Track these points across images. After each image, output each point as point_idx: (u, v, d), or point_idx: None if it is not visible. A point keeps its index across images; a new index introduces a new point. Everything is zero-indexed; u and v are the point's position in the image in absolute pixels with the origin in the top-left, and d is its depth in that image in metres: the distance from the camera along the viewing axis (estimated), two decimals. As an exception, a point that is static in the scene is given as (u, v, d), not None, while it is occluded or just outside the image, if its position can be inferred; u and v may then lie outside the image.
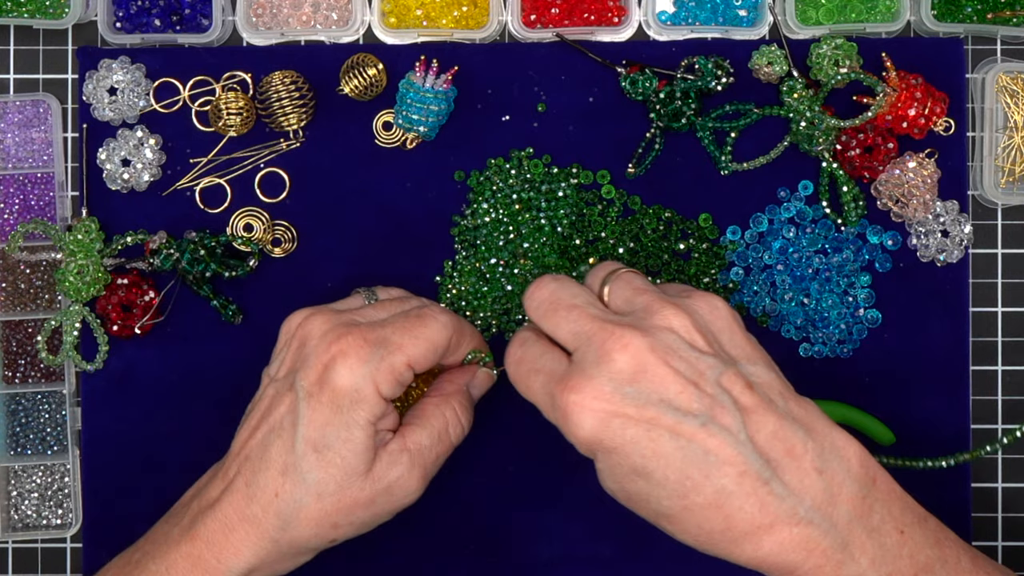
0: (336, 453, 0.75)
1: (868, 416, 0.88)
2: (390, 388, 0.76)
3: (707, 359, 0.70)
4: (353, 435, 0.75)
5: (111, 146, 0.90)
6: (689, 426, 0.68)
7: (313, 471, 0.75)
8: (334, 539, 0.77)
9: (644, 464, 0.69)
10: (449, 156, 0.90)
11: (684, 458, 0.68)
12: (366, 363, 0.75)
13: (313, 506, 0.75)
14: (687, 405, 0.68)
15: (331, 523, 0.76)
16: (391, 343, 0.76)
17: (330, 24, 0.91)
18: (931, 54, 0.90)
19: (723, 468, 0.68)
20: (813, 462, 0.70)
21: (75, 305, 0.88)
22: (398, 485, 0.77)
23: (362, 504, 0.76)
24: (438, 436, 0.79)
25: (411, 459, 0.77)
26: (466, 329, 0.82)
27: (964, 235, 0.89)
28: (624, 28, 0.91)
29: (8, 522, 0.91)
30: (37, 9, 0.90)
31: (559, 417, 0.70)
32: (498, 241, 0.89)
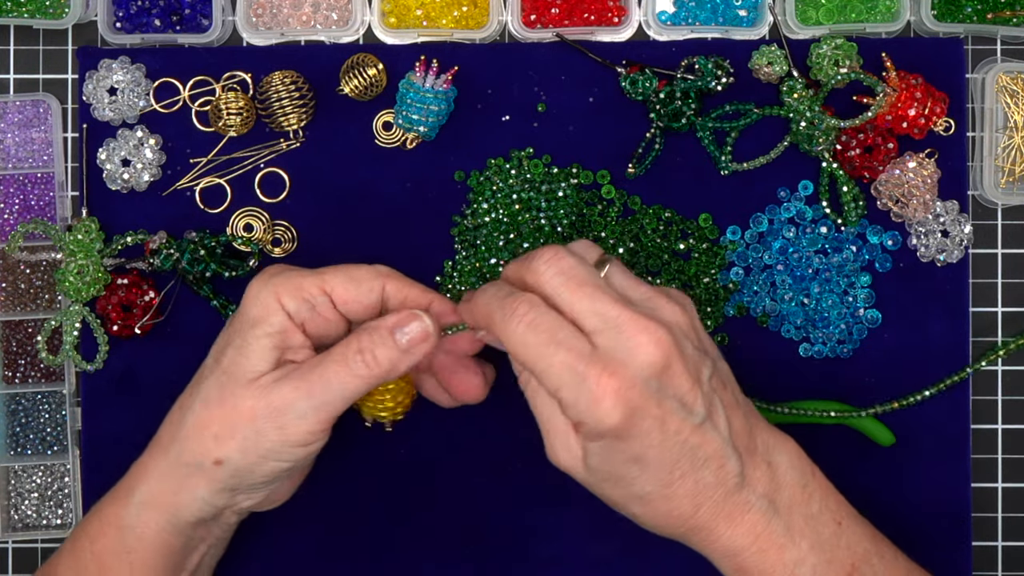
0: (227, 357, 0.77)
1: (868, 418, 0.88)
2: (293, 301, 0.77)
3: (703, 358, 0.73)
4: (246, 341, 0.76)
5: (111, 146, 0.90)
6: (691, 423, 0.71)
7: (207, 378, 0.77)
8: (218, 458, 0.75)
9: (645, 453, 0.71)
10: (449, 156, 0.90)
11: (680, 450, 0.71)
12: (272, 276, 0.78)
13: (199, 411, 0.76)
14: (692, 403, 0.71)
15: (213, 433, 0.75)
16: (313, 270, 0.78)
17: (330, 24, 0.91)
18: (931, 54, 0.90)
19: (709, 462, 0.72)
20: (763, 454, 0.75)
21: (75, 305, 0.88)
22: (279, 396, 0.75)
23: (242, 413, 0.75)
24: (332, 359, 0.75)
25: (298, 374, 0.75)
26: (412, 287, 0.79)
27: (964, 235, 0.89)
28: (624, 28, 0.91)
29: (8, 522, 0.91)
30: (37, 9, 0.90)
31: (586, 399, 0.70)
32: (498, 241, 0.89)
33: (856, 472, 0.89)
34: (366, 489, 0.90)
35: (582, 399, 0.70)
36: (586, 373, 0.70)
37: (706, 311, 0.89)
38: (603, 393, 0.69)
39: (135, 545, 0.78)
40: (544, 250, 0.73)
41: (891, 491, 0.90)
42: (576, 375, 0.70)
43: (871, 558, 0.77)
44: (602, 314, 0.71)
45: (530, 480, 0.90)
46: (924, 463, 0.90)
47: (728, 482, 0.73)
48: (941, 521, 0.90)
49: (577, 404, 0.70)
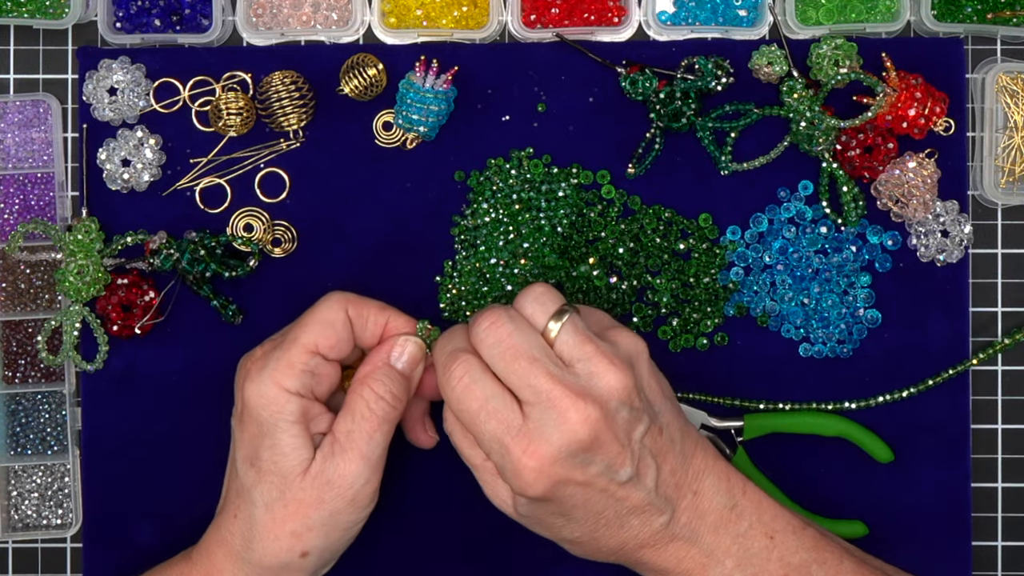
0: (267, 460, 0.78)
1: (867, 432, 0.88)
2: (294, 381, 0.77)
3: (639, 418, 0.75)
4: (277, 439, 0.77)
5: (111, 146, 0.90)
6: (618, 483, 0.75)
7: (255, 484, 0.78)
8: (304, 550, 0.78)
9: (571, 508, 0.75)
10: (449, 156, 0.90)
11: (604, 503, 0.75)
12: (263, 370, 0.78)
13: (264, 517, 0.78)
14: (620, 466, 0.75)
15: (289, 531, 0.77)
16: (285, 340, 0.79)
17: (330, 24, 0.91)
18: (931, 54, 0.90)
19: (634, 512, 0.76)
20: (690, 486, 0.78)
21: (75, 305, 0.88)
22: (337, 475, 0.77)
23: (310, 504, 0.77)
24: (360, 415, 0.78)
25: (340, 446, 0.77)
26: (369, 304, 0.81)
27: (964, 235, 0.89)
28: (624, 28, 0.91)
29: (8, 522, 0.91)
30: (37, 9, 0.90)
31: (509, 471, 0.74)
32: (498, 241, 0.89)
33: (856, 472, 0.89)
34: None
35: (507, 469, 0.74)
36: (510, 447, 0.73)
37: (706, 311, 0.89)
38: (525, 469, 0.73)
39: None
40: (485, 315, 0.75)
41: (891, 491, 0.90)
42: (502, 446, 0.73)
43: (809, 567, 0.79)
44: (534, 387, 0.73)
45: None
46: (924, 463, 0.90)
47: (654, 524, 0.77)
48: (941, 521, 0.90)
49: (504, 473, 0.74)
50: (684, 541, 0.77)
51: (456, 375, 0.75)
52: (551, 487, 0.73)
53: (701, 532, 0.77)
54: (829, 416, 0.89)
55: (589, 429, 0.72)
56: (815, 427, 0.89)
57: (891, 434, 0.89)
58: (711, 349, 0.90)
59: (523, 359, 0.74)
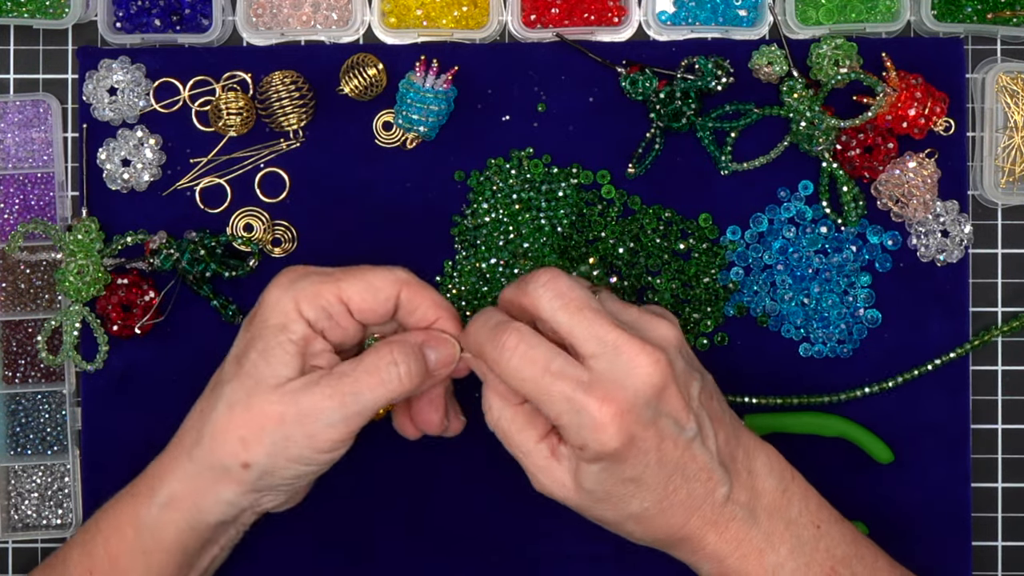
0: (250, 361, 0.76)
1: (867, 433, 0.88)
2: (312, 310, 0.76)
3: (693, 375, 0.75)
4: (268, 345, 0.76)
5: (111, 146, 0.90)
6: (683, 440, 0.73)
7: (229, 380, 0.76)
8: (246, 461, 0.75)
9: (642, 472, 0.73)
10: (449, 156, 0.90)
11: (673, 467, 0.74)
12: (292, 283, 0.77)
13: (223, 415, 0.76)
14: (685, 421, 0.73)
15: (239, 435, 0.75)
16: (330, 275, 0.78)
17: (330, 24, 0.91)
18: (931, 54, 0.90)
19: (698, 475, 0.74)
20: (744, 462, 0.77)
21: (75, 305, 0.88)
22: (309, 403, 0.74)
23: (269, 417, 0.74)
24: (364, 367, 0.75)
25: (328, 380, 0.75)
26: (425, 296, 0.79)
27: (964, 235, 0.89)
28: (624, 28, 0.91)
29: (8, 522, 0.91)
30: (37, 9, 0.90)
31: (587, 426, 0.71)
32: (498, 241, 0.89)
33: (857, 472, 0.89)
34: (365, 489, 0.90)
35: (584, 426, 0.71)
36: (585, 401, 0.71)
37: (706, 311, 0.89)
38: (604, 420, 0.71)
39: (152, 546, 0.77)
40: (540, 273, 0.74)
41: (891, 491, 0.90)
42: (575, 404, 0.71)
43: (851, 561, 0.78)
44: (600, 338, 0.72)
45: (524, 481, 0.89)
46: (924, 463, 0.90)
47: (716, 494, 0.75)
48: (941, 521, 0.90)
49: (580, 431, 0.72)
50: (743, 522, 0.76)
51: (509, 344, 0.72)
52: (629, 439, 0.71)
53: (759, 514, 0.76)
54: (829, 416, 0.89)
55: (660, 373, 0.72)
56: (815, 427, 0.89)
57: (891, 434, 0.89)
58: (711, 349, 0.90)
59: (588, 310, 0.72)
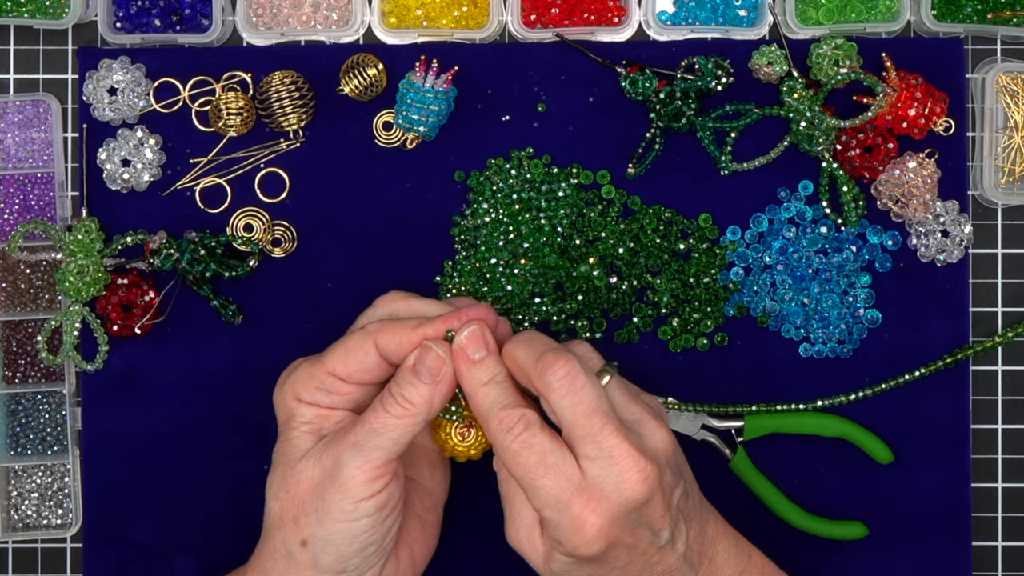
0: (279, 452, 0.79)
1: (867, 432, 0.88)
2: (308, 393, 0.78)
3: (677, 482, 0.77)
4: (288, 437, 0.79)
5: (111, 146, 0.90)
6: (657, 547, 0.75)
7: (269, 485, 0.79)
8: (303, 539, 0.77)
9: (609, 571, 0.76)
10: (449, 156, 0.90)
11: (641, 568, 0.76)
12: (287, 379, 0.80)
13: (273, 507, 0.79)
14: (661, 529, 0.75)
15: (291, 516, 0.77)
16: (317, 357, 0.80)
17: (330, 24, 0.91)
18: (931, 54, 0.90)
19: (663, 574, 0.77)
20: (707, 552, 0.80)
21: (75, 305, 0.88)
22: (335, 462, 0.76)
23: (306, 488, 0.77)
24: (372, 409, 0.77)
25: (342, 432, 0.77)
26: (400, 330, 0.78)
27: (964, 235, 0.89)
28: (624, 28, 0.91)
29: (8, 522, 0.91)
30: (37, 9, 0.90)
31: (567, 527, 0.73)
32: (498, 241, 0.89)
33: (856, 472, 0.89)
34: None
35: (564, 526, 0.73)
36: (571, 503, 0.73)
37: (706, 311, 0.89)
38: (586, 526, 0.73)
39: None
40: (560, 365, 0.74)
41: (891, 491, 0.90)
42: (562, 503, 0.73)
43: None
44: (600, 443, 0.73)
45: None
46: (924, 463, 0.90)
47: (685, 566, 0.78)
48: (941, 521, 0.90)
49: (559, 529, 0.74)
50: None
51: (515, 430, 0.74)
52: (604, 547, 0.73)
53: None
54: (829, 416, 0.89)
55: (648, 488, 0.73)
56: (815, 427, 0.89)
57: (891, 434, 0.89)
58: (711, 349, 0.90)
59: (597, 414, 0.73)
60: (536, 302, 0.89)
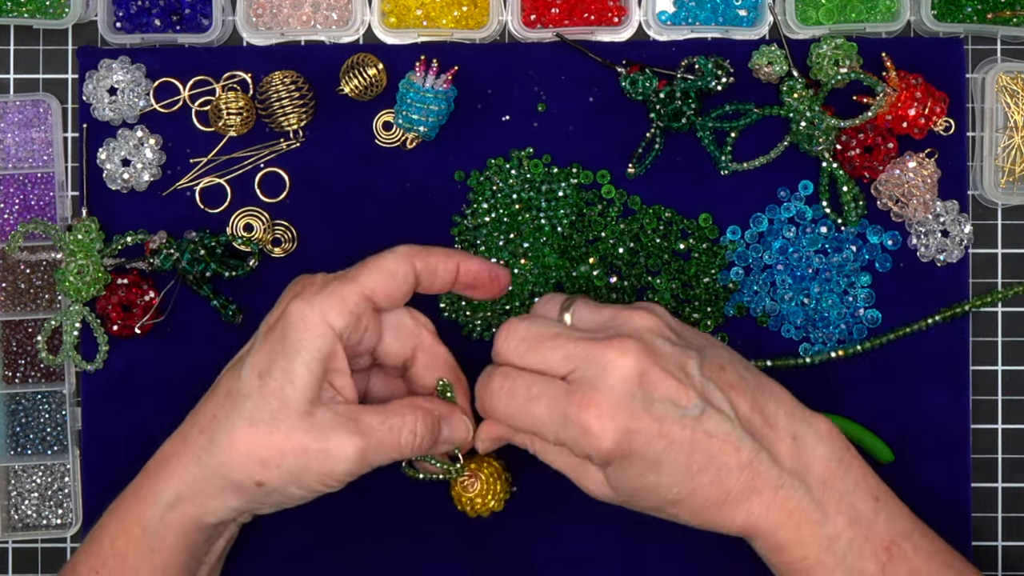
0: (276, 380, 0.75)
1: (868, 432, 0.88)
2: (341, 318, 0.75)
3: (686, 351, 0.75)
4: (295, 366, 0.74)
5: (111, 146, 0.90)
6: (690, 419, 0.73)
7: (252, 395, 0.75)
8: (261, 481, 0.75)
9: (657, 461, 0.73)
10: (449, 156, 0.90)
11: (690, 447, 0.73)
12: (316, 295, 0.76)
13: (244, 430, 0.75)
14: (685, 400, 0.73)
15: (258, 457, 0.75)
16: (346, 278, 0.77)
17: (330, 24, 0.91)
18: (931, 54, 0.90)
19: (722, 447, 0.73)
20: (787, 429, 0.76)
21: (75, 305, 0.88)
22: (336, 448, 0.75)
23: (294, 449, 0.74)
24: (390, 429, 0.76)
25: (359, 431, 0.75)
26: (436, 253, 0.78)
27: (964, 235, 0.89)
28: (624, 28, 0.91)
29: (8, 522, 0.91)
30: (37, 9, 0.90)
31: (577, 435, 0.72)
32: (498, 241, 0.89)
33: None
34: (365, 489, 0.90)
35: (577, 436, 0.73)
36: (566, 411, 0.72)
37: (706, 311, 0.89)
38: (588, 423, 0.72)
39: (159, 545, 0.78)
40: (501, 328, 0.76)
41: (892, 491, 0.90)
42: (559, 417, 0.73)
43: (912, 535, 0.77)
44: (570, 355, 0.73)
45: (531, 481, 0.90)
46: (924, 462, 0.90)
47: (748, 462, 0.74)
48: (941, 521, 0.89)
49: (576, 442, 0.73)
50: (792, 491, 0.74)
51: (495, 387, 0.75)
52: (622, 437, 0.72)
53: (810, 483, 0.75)
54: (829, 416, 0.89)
55: (633, 362, 0.72)
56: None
57: (891, 434, 0.89)
58: (711, 349, 0.90)
59: (546, 339, 0.74)
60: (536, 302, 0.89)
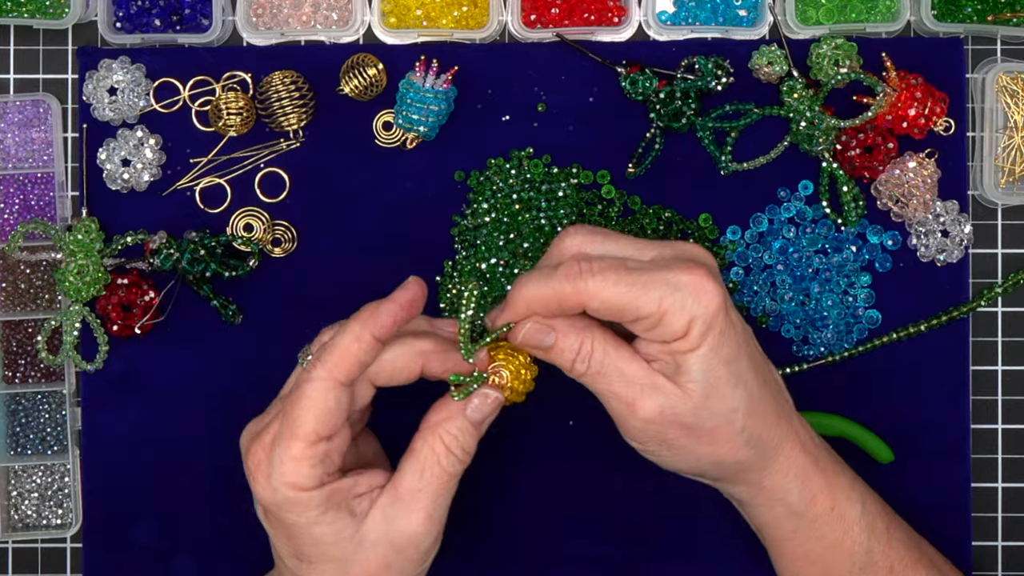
0: (314, 553, 0.73)
1: (867, 432, 0.88)
2: (308, 478, 0.71)
3: None
4: (314, 535, 0.73)
5: (111, 146, 0.90)
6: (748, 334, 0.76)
7: (311, 573, 0.74)
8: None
9: (736, 351, 0.74)
10: (449, 156, 0.90)
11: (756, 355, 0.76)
12: (271, 476, 0.72)
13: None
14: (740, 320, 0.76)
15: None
16: (282, 437, 0.72)
17: (330, 24, 0.91)
18: (931, 54, 0.90)
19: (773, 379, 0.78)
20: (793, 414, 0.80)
21: (75, 305, 0.88)
22: (403, 537, 0.73)
23: (376, 570, 0.73)
24: (429, 473, 0.73)
25: (405, 506, 0.73)
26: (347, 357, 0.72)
27: (964, 235, 0.89)
28: (624, 28, 0.91)
29: (8, 522, 0.91)
30: (37, 9, 0.90)
31: (688, 293, 0.71)
32: (498, 241, 0.89)
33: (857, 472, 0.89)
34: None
35: (687, 296, 0.71)
36: (675, 274, 0.71)
37: (706, 311, 0.89)
38: (699, 280, 0.71)
39: None
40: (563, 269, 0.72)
41: (892, 491, 0.90)
42: (668, 283, 0.71)
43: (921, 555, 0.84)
44: (641, 249, 0.74)
45: (533, 480, 0.90)
46: (924, 462, 0.90)
47: (793, 416, 0.78)
48: (941, 521, 0.90)
49: (685, 304, 0.71)
50: (830, 457, 0.80)
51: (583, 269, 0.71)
52: (720, 300, 0.72)
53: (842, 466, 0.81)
54: (829, 416, 0.89)
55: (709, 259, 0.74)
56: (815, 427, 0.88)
57: (891, 434, 0.89)
58: (711, 349, 0.90)
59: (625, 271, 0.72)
60: (536, 302, 0.89)
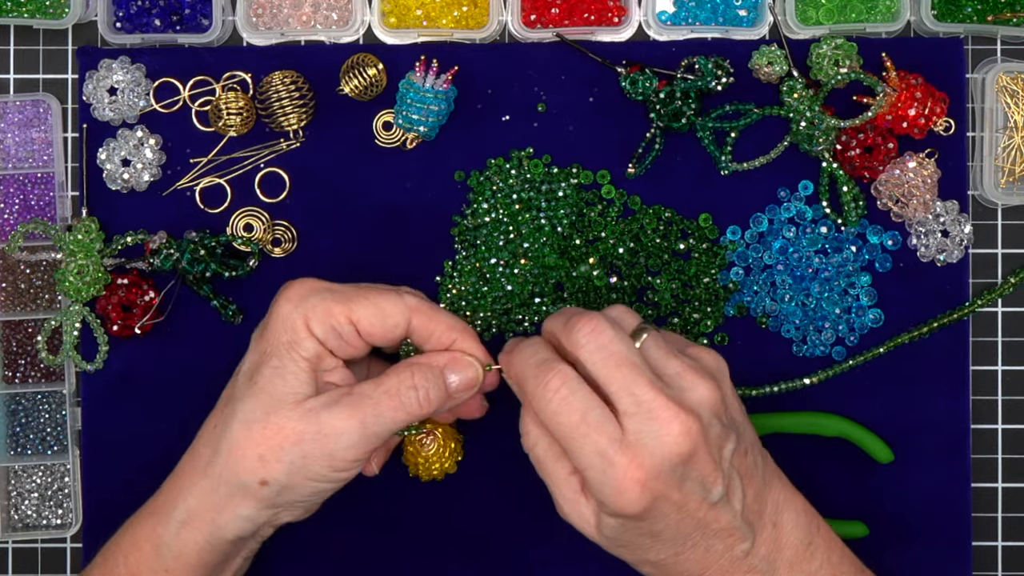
0: (265, 378, 0.76)
1: (867, 432, 0.88)
2: (321, 328, 0.76)
3: (728, 435, 0.74)
4: (283, 363, 0.76)
5: (111, 146, 0.90)
6: (709, 503, 0.73)
7: (244, 397, 0.76)
8: (264, 479, 0.75)
9: (661, 530, 0.73)
10: (449, 156, 0.90)
11: (695, 525, 0.73)
12: (303, 299, 0.77)
13: (239, 432, 0.76)
14: (713, 484, 0.73)
15: (257, 453, 0.75)
16: (341, 294, 0.77)
17: (330, 24, 0.91)
18: (931, 54, 0.90)
19: (720, 533, 0.74)
20: (771, 516, 0.77)
21: (75, 305, 0.88)
22: (328, 424, 0.75)
23: (288, 436, 0.75)
24: (385, 391, 0.76)
25: (349, 401, 0.75)
26: (439, 316, 0.79)
27: (964, 235, 0.89)
28: (624, 28, 0.91)
29: (8, 522, 0.91)
30: (37, 9, 0.90)
31: (612, 487, 0.71)
32: (498, 241, 0.89)
33: (857, 472, 0.89)
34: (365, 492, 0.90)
35: (607, 485, 0.71)
36: (614, 460, 0.71)
37: (706, 311, 0.89)
38: (629, 484, 0.71)
39: (172, 563, 0.78)
40: (585, 320, 0.73)
41: (892, 491, 0.90)
42: (604, 460, 0.71)
43: None
44: (636, 396, 0.71)
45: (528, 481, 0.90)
46: (924, 462, 0.90)
47: (735, 549, 0.75)
48: (941, 521, 0.90)
49: (602, 488, 0.72)
50: (761, 573, 0.76)
51: (552, 387, 0.72)
52: (651, 503, 0.71)
53: (778, 566, 0.77)
54: (829, 416, 0.89)
55: (690, 441, 0.71)
56: (815, 427, 0.89)
57: (891, 434, 0.89)
58: (711, 349, 0.90)
59: (627, 366, 0.72)
60: (536, 302, 0.89)
